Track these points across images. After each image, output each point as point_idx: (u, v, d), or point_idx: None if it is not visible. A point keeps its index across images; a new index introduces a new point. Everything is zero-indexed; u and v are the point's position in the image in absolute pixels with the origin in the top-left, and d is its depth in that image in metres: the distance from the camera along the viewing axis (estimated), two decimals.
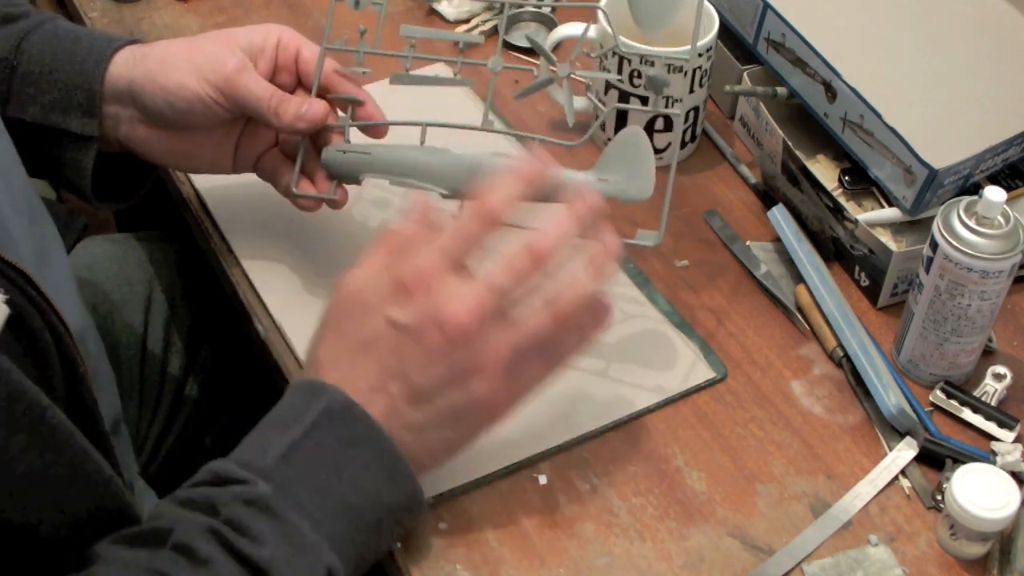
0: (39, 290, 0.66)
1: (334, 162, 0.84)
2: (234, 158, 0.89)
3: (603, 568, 0.76)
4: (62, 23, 0.88)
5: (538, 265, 0.68)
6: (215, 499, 0.64)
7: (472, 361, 0.68)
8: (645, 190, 0.79)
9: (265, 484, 0.65)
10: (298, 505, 0.65)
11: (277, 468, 0.66)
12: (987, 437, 0.83)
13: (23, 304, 0.64)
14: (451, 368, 0.68)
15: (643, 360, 0.87)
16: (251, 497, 0.64)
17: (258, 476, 0.65)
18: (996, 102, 0.92)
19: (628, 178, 0.79)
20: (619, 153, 0.80)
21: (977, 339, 0.84)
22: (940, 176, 0.86)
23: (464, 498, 0.79)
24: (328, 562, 0.65)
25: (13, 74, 0.84)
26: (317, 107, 0.83)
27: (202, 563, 0.61)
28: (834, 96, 0.92)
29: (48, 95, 0.84)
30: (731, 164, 1.03)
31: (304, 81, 0.87)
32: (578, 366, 0.86)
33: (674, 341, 0.88)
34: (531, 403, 0.83)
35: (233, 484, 0.65)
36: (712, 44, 0.97)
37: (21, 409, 0.60)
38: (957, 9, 0.98)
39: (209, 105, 0.83)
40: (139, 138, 0.87)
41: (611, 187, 0.79)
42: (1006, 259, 0.79)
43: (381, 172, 0.83)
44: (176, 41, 0.87)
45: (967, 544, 0.76)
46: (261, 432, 0.69)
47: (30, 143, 0.83)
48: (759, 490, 0.81)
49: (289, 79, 0.87)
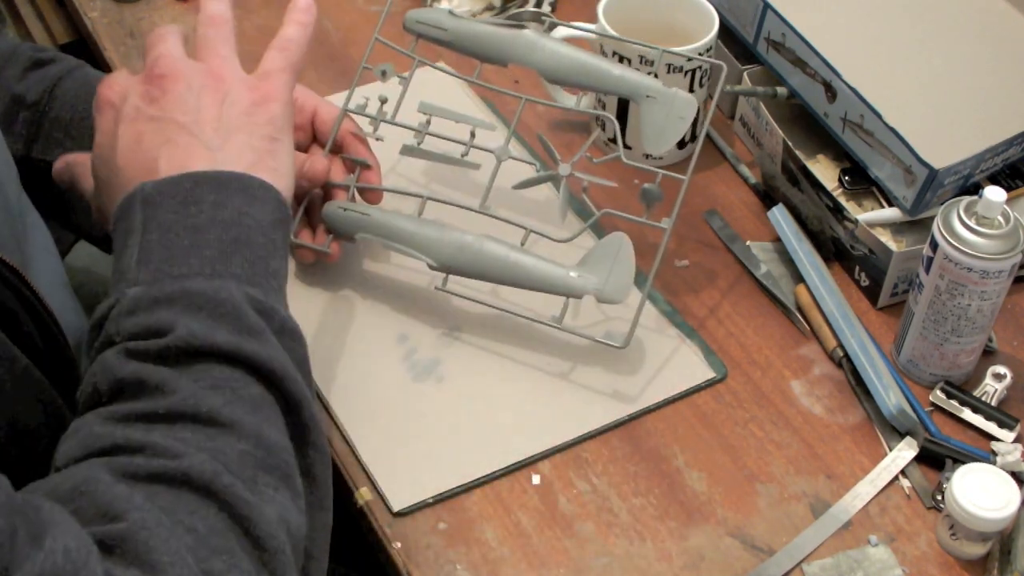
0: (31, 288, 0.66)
1: (333, 218, 0.87)
2: None
3: (603, 568, 0.76)
4: (91, 71, 0.90)
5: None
6: (106, 333, 0.62)
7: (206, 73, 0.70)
8: (621, 294, 0.82)
9: (133, 288, 0.62)
10: (179, 277, 0.62)
11: (139, 272, 0.63)
12: (987, 437, 0.83)
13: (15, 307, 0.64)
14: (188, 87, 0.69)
15: (643, 360, 0.87)
16: (130, 306, 0.62)
17: (125, 289, 0.63)
18: (996, 102, 0.92)
19: (607, 280, 0.82)
20: (603, 255, 0.83)
21: (977, 339, 0.84)
22: (940, 176, 0.86)
23: (464, 498, 0.79)
24: (244, 294, 0.62)
25: (44, 117, 0.86)
26: (319, 165, 0.87)
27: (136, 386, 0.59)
28: (834, 96, 0.92)
29: (77, 141, 0.86)
30: (731, 164, 1.03)
31: (320, 139, 0.90)
32: (578, 366, 0.86)
33: (674, 341, 0.88)
34: (531, 403, 0.84)
35: (108, 312, 0.63)
36: (712, 44, 0.97)
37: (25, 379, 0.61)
38: (957, 9, 0.98)
39: None
40: None
41: (590, 285, 0.82)
42: (1006, 259, 0.79)
43: (375, 234, 0.86)
44: None
45: (967, 544, 0.76)
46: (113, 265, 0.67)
47: (47, 183, 0.85)
48: (759, 490, 0.81)
49: (303, 137, 0.90)
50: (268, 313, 0.63)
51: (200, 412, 0.58)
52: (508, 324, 0.87)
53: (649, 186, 0.84)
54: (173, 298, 0.61)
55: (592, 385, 0.85)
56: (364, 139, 0.90)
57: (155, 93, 0.69)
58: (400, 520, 0.78)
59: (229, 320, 0.61)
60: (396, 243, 0.85)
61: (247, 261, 0.64)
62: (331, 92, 1.02)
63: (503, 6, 1.14)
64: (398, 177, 0.98)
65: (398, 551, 0.76)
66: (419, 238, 0.85)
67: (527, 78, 1.04)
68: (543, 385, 0.85)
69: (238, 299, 0.62)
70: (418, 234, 0.85)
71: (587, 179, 0.86)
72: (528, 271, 0.83)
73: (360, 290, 0.91)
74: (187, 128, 0.68)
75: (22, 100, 0.86)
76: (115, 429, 0.58)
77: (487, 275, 0.84)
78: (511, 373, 0.86)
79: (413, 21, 0.91)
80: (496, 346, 0.87)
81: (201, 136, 0.68)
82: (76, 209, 0.88)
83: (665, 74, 0.95)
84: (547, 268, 0.83)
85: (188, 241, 0.63)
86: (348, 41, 1.12)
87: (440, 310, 0.89)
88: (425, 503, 0.78)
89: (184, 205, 0.64)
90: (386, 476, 0.80)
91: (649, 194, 0.84)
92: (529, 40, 0.89)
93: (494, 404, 0.84)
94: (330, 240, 0.88)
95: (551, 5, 1.15)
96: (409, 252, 0.85)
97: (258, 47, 0.70)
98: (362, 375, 0.85)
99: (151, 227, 0.64)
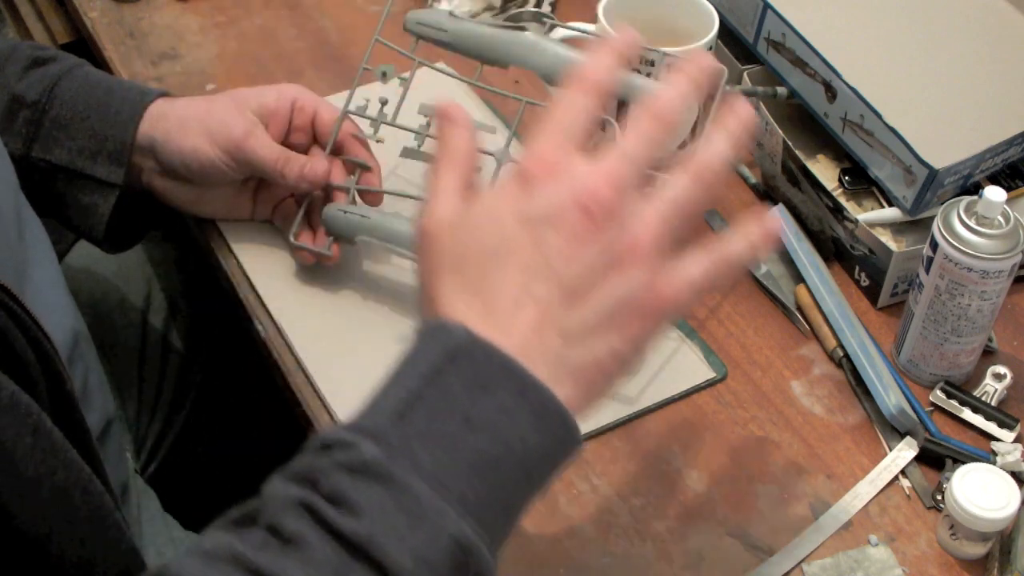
0: (22, 305, 0.65)
1: (333, 220, 0.87)
2: (253, 207, 0.93)
3: (603, 568, 0.76)
4: (91, 70, 0.90)
5: (665, 127, 0.60)
6: (316, 469, 0.54)
7: (622, 238, 0.57)
8: None
9: (374, 446, 0.53)
10: (415, 467, 0.53)
11: (391, 427, 0.54)
12: (987, 437, 0.83)
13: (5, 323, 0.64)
14: (602, 249, 0.57)
15: None
16: (356, 463, 0.53)
17: (367, 438, 0.54)
18: (996, 102, 0.92)
19: None
20: None
21: (977, 339, 0.84)
22: (940, 176, 0.86)
23: None
24: (455, 531, 0.52)
25: (44, 116, 0.86)
26: (319, 167, 0.87)
27: (288, 543, 0.52)
28: (834, 96, 0.92)
29: (77, 141, 0.86)
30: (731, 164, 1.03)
31: (320, 141, 0.91)
32: None
33: (674, 341, 0.88)
34: None
35: (337, 450, 0.54)
36: (712, 44, 0.97)
37: (23, 411, 0.60)
38: (957, 9, 0.98)
39: (220, 167, 0.87)
40: (160, 187, 0.90)
41: None
42: (1006, 259, 0.79)
43: (374, 237, 0.86)
44: (195, 101, 0.90)
45: (967, 544, 0.76)
46: (377, 391, 0.58)
47: (46, 182, 0.86)
48: (759, 490, 0.81)
49: (304, 139, 0.91)
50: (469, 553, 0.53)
51: None
52: None
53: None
54: (392, 486, 0.53)
55: None
56: (364, 141, 0.90)
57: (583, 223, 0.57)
58: None
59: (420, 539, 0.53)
60: (396, 246, 0.85)
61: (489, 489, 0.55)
62: (331, 92, 1.02)
63: (503, 6, 1.14)
64: (398, 179, 0.98)
65: None
66: None
67: (527, 77, 1.04)
68: None
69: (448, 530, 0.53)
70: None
71: None
72: None
73: (360, 290, 0.91)
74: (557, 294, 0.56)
75: (22, 99, 0.86)
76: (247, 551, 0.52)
77: None
78: None
79: (413, 22, 0.91)
80: None
81: (562, 318, 0.57)
82: (76, 209, 0.88)
83: (665, 74, 0.95)
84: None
85: (452, 430, 0.55)
86: (348, 41, 1.12)
87: None
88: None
89: (476, 388, 0.55)
90: None
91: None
92: (530, 42, 0.89)
93: None
94: (330, 242, 0.88)
95: (551, 5, 1.15)
96: (409, 255, 0.85)
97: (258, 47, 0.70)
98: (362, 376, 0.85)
99: (435, 383, 0.55)
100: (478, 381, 0.55)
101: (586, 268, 0.56)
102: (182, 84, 1.07)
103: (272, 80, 1.06)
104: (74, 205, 0.88)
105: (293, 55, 1.11)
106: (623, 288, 0.57)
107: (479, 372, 0.55)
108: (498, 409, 0.55)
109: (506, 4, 1.14)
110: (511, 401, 0.55)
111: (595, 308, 0.57)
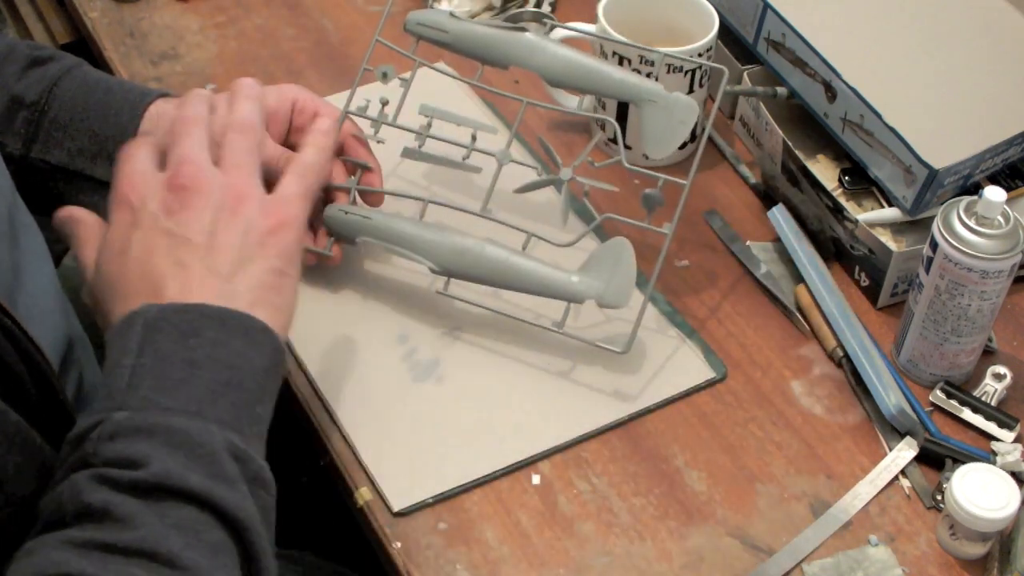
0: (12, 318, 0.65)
1: (335, 221, 0.87)
2: None
3: (603, 568, 0.76)
4: (90, 70, 0.90)
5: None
6: (84, 454, 0.61)
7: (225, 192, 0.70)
8: (622, 300, 0.83)
9: (120, 412, 0.61)
10: (165, 412, 0.62)
11: (127, 396, 0.62)
12: (987, 437, 0.83)
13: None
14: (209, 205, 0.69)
15: (643, 360, 0.87)
16: (113, 430, 0.61)
17: (111, 411, 0.62)
18: (996, 102, 0.92)
19: (609, 285, 0.83)
20: (605, 260, 0.83)
21: (977, 339, 0.84)
22: (940, 176, 0.86)
23: (464, 498, 0.79)
24: (226, 444, 0.62)
25: (43, 117, 0.86)
26: None
27: (102, 514, 0.58)
28: (834, 96, 0.92)
29: (77, 142, 0.86)
30: (731, 164, 1.03)
31: None
32: (578, 366, 0.86)
33: (674, 341, 0.88)
34: (531, 403, 0.84)
35: (91, 432, 0.61)
36: (712, 44, 0.97)
37: (11, 428, 0.61)
38: (957, 9, 0.98)
39: None
40: None
41: (592, 290, 0.82)
42: (1006, 259, 0.79)
43: (376, 237, 0.86)
44: None
45: (967, 544, 0.76)
46: (99, 388, 0.65)
47: (45, 183, 0.86)
48: (759, 490, 0.81)
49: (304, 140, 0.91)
50: (245, 461, 0.63)
51: (159, 552, 0.57)
52: (508, 324, 0.87)
53: (650, 192, 0.84)
54: (155, 431, 0.61)
55: (592, 385, 0.85)
56: (365, 141, 0.90)
57: (174, 205, 0.69)
58: (400, 520, 0.78)
59: (205, 463, 0.61)
60: (397, 246, 0.85)
61: (234, 405, 0.64)
62: (331, 92, 1.02)
63: (503, 6, 1.14)
64: (399, 180, 0.98)
65: (398, 551, 0.76)
66: (420, 241, 0.85)
67: (527, 77, 1.04)
68: (543, 385, 0.85)
69: (217, 444, 0.62)
70: (419, 237, 0.85)
71: (588, 183, 0.86)
72: (529, 276, 0.83)
73: (360, 290, 0.91)
74: (200, 252, 0.68)
75: (21, 100, 0.86)
76: (71, 557, 0.57)
77: (488, 279, 0.84)
78: (511, 373, 0.86)
79: (414, 23, 0.91)
80: (496, 346, 0.87)
81: (212, 264, 0.68)
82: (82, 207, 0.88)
83: (665, 74, 0.95)
84: (548, 273, 0.83)
85: (181, 375, 0.63)
86: (348, 41, 1.12)
87: (440, 310, 0.89)
88: (425, 503, 0.78)
89: (184, 337, 0.64)
90: (386, 476, 0.80)
91: (651, 199, 0.84)
92: (530, 43, 0.89)
93: (494, 404, 0.84)
94: (331, 243, 0.88)
95: (551, 5, 1.15)
96: (410, 256, 0.85)
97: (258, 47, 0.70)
98: (362, 375, 0.85)
99: (147, 352, 0.64)
100: (184, 332, 0.65)
101: (208, 223, 0.69)
102: (182, 84, 1.07)
103: (272, 80, 1.06)
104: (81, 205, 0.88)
105: (293, 55, 1.11)
106: (243, 222, 0.69)
107: (181, 326, 0.65)
108: (212, 343, 0.65)
109: (506, 4, 1.14)
110: (219, 334, 0.65)
111: (232, 244, 0.69)
